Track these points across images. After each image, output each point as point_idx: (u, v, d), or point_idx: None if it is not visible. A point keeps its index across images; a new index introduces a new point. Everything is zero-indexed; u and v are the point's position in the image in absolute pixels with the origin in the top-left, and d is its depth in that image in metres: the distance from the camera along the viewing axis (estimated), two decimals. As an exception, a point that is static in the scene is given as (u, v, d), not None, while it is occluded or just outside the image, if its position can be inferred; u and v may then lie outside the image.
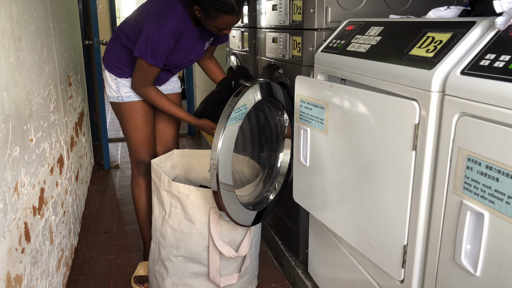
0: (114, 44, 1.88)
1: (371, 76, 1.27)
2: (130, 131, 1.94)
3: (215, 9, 1.57)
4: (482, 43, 0.99)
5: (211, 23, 1.63)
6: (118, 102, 1.90)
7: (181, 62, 1.85)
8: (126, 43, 1.82)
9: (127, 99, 1.89)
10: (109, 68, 1.89)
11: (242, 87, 1.56)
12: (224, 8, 1.56)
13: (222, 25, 1.63)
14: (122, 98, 1.89)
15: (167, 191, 1.70)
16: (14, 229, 1.26)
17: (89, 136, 3.38)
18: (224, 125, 1.45)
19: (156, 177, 1.77)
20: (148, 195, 2.07)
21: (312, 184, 1.60)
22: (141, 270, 2.06)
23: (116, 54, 1.86)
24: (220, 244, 1.68)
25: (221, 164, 1.47)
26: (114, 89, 1.89)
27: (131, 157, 2.01)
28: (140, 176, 2.03)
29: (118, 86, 1.88)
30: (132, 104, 1.90)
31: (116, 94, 1.89)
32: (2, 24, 1.28)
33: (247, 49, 2.62)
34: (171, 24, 1.65)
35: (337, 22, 1.63)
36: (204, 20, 1.65)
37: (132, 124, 1.92)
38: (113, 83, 1.89)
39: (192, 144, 4.29)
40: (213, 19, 1.60)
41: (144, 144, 1.95)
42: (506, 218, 0.86)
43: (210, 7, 1.57)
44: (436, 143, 1.05)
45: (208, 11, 1.58)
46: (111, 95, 1.92)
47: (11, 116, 1.30)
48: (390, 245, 1.22)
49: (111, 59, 1.88)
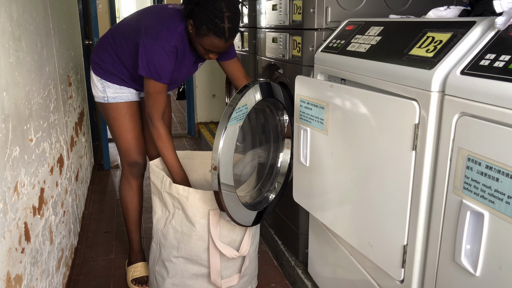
0: (104, 48, 1.84)
1: (371, 76, 1.27)
2: (119, 132, 1.90)
3: (206, 27, 1.55)
4: (482, 43, 0.99)
5: (199, 40, 1.61)
6: (104, 103, 1.87)
7: (179, 79, 1.86)
8: (118, 51, 1.80)
9: (113, 100, 1.86)
10: (96, 71, 1.86)
11: (242, 87, 1.56)
12: (215, 29, 1.55)
13: (209, 45, 1.61)
14: (108, 98, 1.86)
15: (167, 193, 1.70)
16: (14, 229, 1.26)
17: (89, 136, 3.38)
18: (225, 125, 1.45)
19: (156, 178, 1.76)
20: (140, 197, 2.06)
21: (312, 184, 1.60)
22: (136, 272, 2.03)
23: (105, 59, 1.83)
24: (221, 245, 1.68)
25: (222, 164, 1.46)
26: (100, 89, 1.86)
27: (123, 159, 1.98)
28: (133, 178, 2.01)
29: (104, 87, 1.85)
30: (119, 105, 1.87)
31: (102, 95, 1.86)
32: (2, 24, 1.28)
33: (247, 49, 2.62)
34: (172, 43, 1.64)
35: (337, 22, 1.63)
36: (193, 37, 1.64)
37: (120, 125, 1.89)
38: (99, 83, 1.86)
39: (192, 144, 4.29)
40: (201, 37, 1.59)
41: (135, 144, 1.93)
42: (506, 218, 0.86)
43: (202, 24, 1.56)
44: (436, 143, 1.05)
45: (199, 27, 1.57)
46: (97, 95, 1.89)
47: (11, 116, 1.29)
48: (390, 245, 1.22)
49: (98, 63, 1.85)
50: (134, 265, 2.06)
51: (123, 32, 1.80)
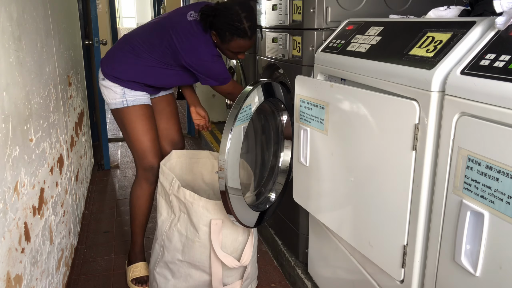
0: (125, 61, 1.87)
1: (371, 76, 1.27)
2: (136, 135, 1.90)
3: (229, 33, 1.70)
4: (482, 43, 0.99)
5: (226, 47, 1.76)
6: (122, 108, 1.88)
7: None
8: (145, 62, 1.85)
9: (132, 103, 1.88)
10: (114, 80, 1.87)
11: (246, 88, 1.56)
12: (237, 32, 1.69)
13: (236, 48, 1.75)
14: (127, 102, 1.88)
15: (175, 195, 1.70)
16: (14, 229, 1.26)
17: (89, 136, 3.38)
18: (231, 127, 1.44)
19: (165, 180, 1.75)
20: (150, 203, 2.04)
21: (312, 184, 1.60)
22: (136, 272, 2.03)
23: (127, 73, 1.87)
24: (223, 255, 1.68)
25: (229, 166, 1.46)
26: (119, 94, 1.88)
27: (138, 163, 1.96)
28: (147, 183, 1.98)
29: (124, 92, 1.87)
30: (136, 107, 1.89)
31: (121, 99, 1.87)
32: (2, 24, 1.28)
33: (247, 49, 2.62)
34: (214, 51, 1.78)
35: (337, 22, 1.63)
36: (220, 45, 1.78)
37: (137, 126, 1.89)
38: (119, 89, 1.87)
39: (192, 144, 4.29)
40: (227, 43, 1.74)
41: (151, 147, 1.92)
42: (506, 218, 0.86)
43: (224, 31, 1.71)
44: (436, 143, 1.05)
45: (223, 35, 1.72)
46: (113, 102, 1.89)
47: (11, 116, 1.29)
48: (390, 245, 1.22)
49: (118, 76, 1.87)
50: (134, 265, 2.06)
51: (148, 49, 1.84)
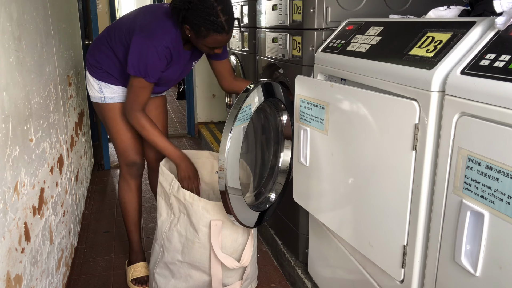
0: (100, 49, 1.83)
1: (371, 76, 1.27)
2: (116, 133, 1.90)
3: (204, 28, 1.56)
4: (482, 43, 0.99)
5: (202, 42, 1.62)
6: (101, 103, 1.87)
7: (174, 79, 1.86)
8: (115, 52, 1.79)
9: (110, 100, 1.85)
10: (92, 72, 1.85)
11: (246, 88, 1.56)
12: (213, 27, 1.55)
13: (213, 43, 1.62)
14: (105, 99, 1.85)
15: (175, 196, 1.70)
16: (14, 229, 1.26)
17: (89, 136, 3.38)
18: (231, 127, 1.44)
19: (165, 180, 1.75)
20: (139, 197, 2.06)
21: (312, 184, 1.60)
22: (136, 272, 2.03)
23: (101, 61, 1.82)
24: (222, 256, 1.68)
25: (229, 166, 1.46)
26: (96, 89, 1.86)
27: (121, 160, 1.97)
28: (132, 178, 2.00)
29: (100, 87, 1.85)
30: (115, 105, 1.86)
31: (99, 95, 1.86)
32: (2, 24, 1.28)
33: (247, 49, 2.62)
34: (164, 44, 1.64)
35: (337, 22, 1.63)
36: (194, 40, 1.64)
37: (117, 125, 1.88)
38: (95, 84, 1.85)
39: (192, 144, 4.29)
40: (203, 38, 1.60)
41: (132, 145, 1.92)
42: (506, 218, 0.86)
43: (199, 26, 1.56)
44: (436, 143, 1.05)
45: (198, 30, 1.58)
46: (93, 96, 1.88)
47: (11, 116, 1.29)
48: (390, 245, 1.22)
49: (94, 64, 1.84)
50: (134, 265, 2.06)
51: (119, 32, 1.78)
